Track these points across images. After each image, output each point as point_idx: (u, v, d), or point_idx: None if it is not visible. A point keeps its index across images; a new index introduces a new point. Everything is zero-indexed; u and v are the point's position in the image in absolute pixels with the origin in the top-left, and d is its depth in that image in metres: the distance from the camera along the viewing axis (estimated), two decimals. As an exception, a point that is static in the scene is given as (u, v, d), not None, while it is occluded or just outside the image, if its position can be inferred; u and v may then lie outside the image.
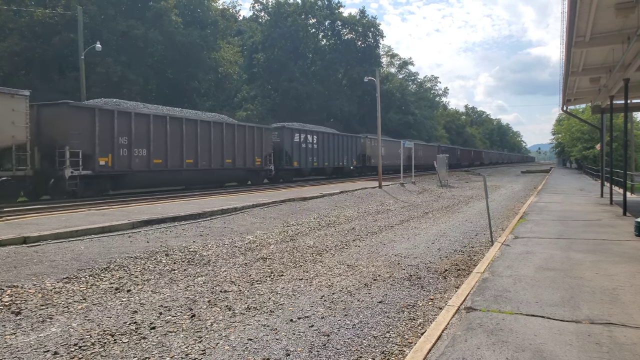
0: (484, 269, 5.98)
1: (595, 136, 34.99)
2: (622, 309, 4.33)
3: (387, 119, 56.37)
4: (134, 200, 15.44)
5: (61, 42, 27.70)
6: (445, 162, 30.90)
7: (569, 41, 9.55)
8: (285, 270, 6.83)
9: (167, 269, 6.75)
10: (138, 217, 10.48)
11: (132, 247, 7.94)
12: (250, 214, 12.42)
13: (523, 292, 4.91)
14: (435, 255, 8.02)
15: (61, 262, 6.72)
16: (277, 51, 49.85)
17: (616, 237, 8.14)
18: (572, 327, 3.88)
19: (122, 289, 5.76)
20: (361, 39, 56.76)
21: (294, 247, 8.56)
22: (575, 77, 13.06)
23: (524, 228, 9.45)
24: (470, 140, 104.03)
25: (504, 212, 14.93)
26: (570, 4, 7.87)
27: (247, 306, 5.16)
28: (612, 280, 5.34)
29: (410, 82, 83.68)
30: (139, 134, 17.20)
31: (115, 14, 30.82)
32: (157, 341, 4.15)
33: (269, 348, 4.01)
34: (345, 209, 14.87)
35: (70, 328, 4.43)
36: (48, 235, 8.18)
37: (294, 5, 53.31)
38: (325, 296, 5.54)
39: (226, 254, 7.86)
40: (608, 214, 11.48)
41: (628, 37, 9.11)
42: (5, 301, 5.05)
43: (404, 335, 4.38)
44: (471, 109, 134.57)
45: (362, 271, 6.79)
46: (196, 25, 36.49)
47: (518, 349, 3.46)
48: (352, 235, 10.02)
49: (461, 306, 4.53)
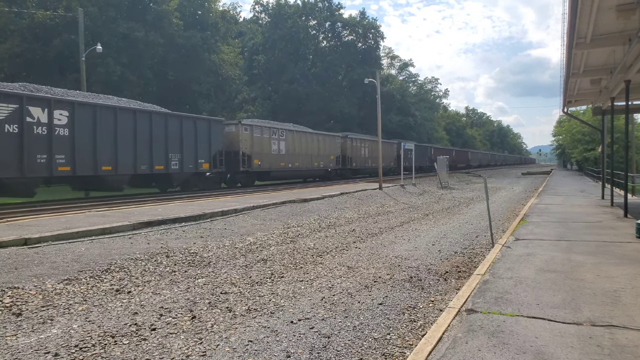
0: (484, 271, 5.97)
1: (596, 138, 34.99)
2: (624, 311, 4.32)
3: (388, 120, 56.36)
4: (134, 201, 15.45)
5: (62, 43, 27.73)
6: (445, 164, 30.91)
7: (569, 43, 9.55)
8: (285, 272, 6.82)
9: (167, 271, 6.74)
10: (138, 218, 10.48)
11: (133, 248, 7.94)
12: (250, 216, 12.42)
13: (524, 294, 4.90)
14: (435, 257, 8.01)
15: (62, 263, 6.72)
16: (277, 53, 49.93)
17: (617, 239, 8.13)
18: (573, 329, 3.87)
19: (123, 290, 5.75)
20: (361, 40, 56.83)
21: (294, 249, 8.55)
22: (576, 79, 13.06)
23: (525, 230, 9.43)
24: (471, 141, 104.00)
25: (505, 213, 14.92)
26: (571, 6, 7.87)
27: (247, 308, 5.15)
28: (613, 282, 5.33)
29: (411, 84, 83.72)
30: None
31: (116, 15, 30.87)
32: (157, 343, 4.15)
33: (269, 350, 4.00)
34: (345, 211, 14.86)
35: (71, 329, 4.43)
36: (49, 236, 8.18)
37: (295, 6, 53.42)
38: (325, 298, 5.53)
39: (227, 256, 7.86)
40: (609, 216, 11.46)
41: (629, 39, 9.11)
42: (6, 302, 5.05)
43: (404, 337, 4.37)
44: (471, 111, 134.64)
45: (363, 273, 6.79)
46: (197, 27, 36.53)
47: (519, 351, 3.45)
48: (353, 237, 10.02)
49: (462, 308, 4.52)
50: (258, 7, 55.07)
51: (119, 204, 14.53)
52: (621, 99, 12.92)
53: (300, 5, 53.66)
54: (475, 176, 43.69)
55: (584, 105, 23.39)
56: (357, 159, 35.21)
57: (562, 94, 15.32)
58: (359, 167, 35.59)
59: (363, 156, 36.12)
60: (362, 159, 35.87)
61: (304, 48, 53.78)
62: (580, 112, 38.49)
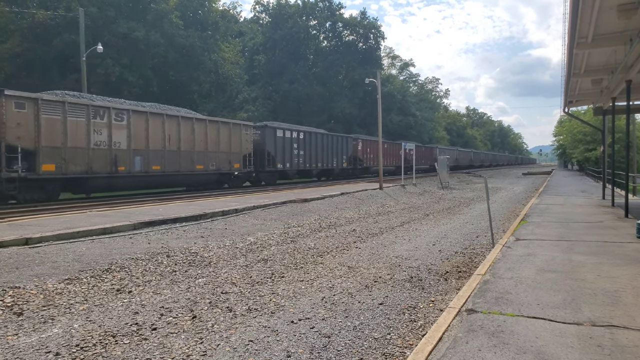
0: (485, 271, 5.97)
1: (597, 138, 34.94)
2: (624, 311, 4.32)
3: (388, 120, 56.36)
4: (135, 201, 15.46)
5: (62, 43, 27.73)
6: (446, 164, 30.91)
7: (570, 42, 9.55)
8: (286, 272, 6.83)
9: (168, 270, 6.75)
10: (139, 218, 10.49)
11: (134, 248, 7.94)
12: (251, 215, 12.42)
13: (524, 294, 4.90)
14: (436, 257, 8.01)
15: (63, 263, 6.73)
16: (278, 53, 49.94)
17: (618, 239, 8.12)
18: (573, 330, 3.87)
19: (124, 290, 5.76)
20: (362, 40, 56.80)
21: (294, 249, 8.55)
22: (577, 79, 13.05)
23: (525, 230, 9.43)
24: (471, 141, 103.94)
25: (505, 214, 14.92)
26: (572, 5, 7.86)
27: (248, 307, 5.16)
28: (613, 282, 5.32)
29: (412, 84, 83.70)
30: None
31: (116, 15, 30.87)
32: (158, 342, 4.15)
33: (269, 349, 4.01)
34: (346, 211, 14.86)
35: (72, 329, 4.44)
36: (50, 236, 8.19)
37: (295, 6, 53.41)
38: (326, 298, 5.53)
39: (227, 255, 7.87)
40: (610, 216, 11.45)
41: (630, 39, 9.10)
42: (7, 302, 5.06)
43: (405, 337, 4.38)
44: (472, 111, 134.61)
45: (363, 273, 6.79)
46: (197, 27, 36.53)
47: (519, 351, 3.45)
48: (353, 237, 10.02)
49: (462, 308, 4.52)
50: (258, 7, 55.12)
51: (119, 203, 14.54)
52: (622, 99, 12.90)
53: (300, 5, 53.65)
54: (476, 176, 43.68)
55: (585, 105, 23.37)
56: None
57: (563, 94, 15.30)
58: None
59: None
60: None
61: (304, 48, 53.78)
62: (581, 112, 38.46)
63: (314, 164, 29.40)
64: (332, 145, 31.58)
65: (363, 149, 35.98)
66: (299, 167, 27.71)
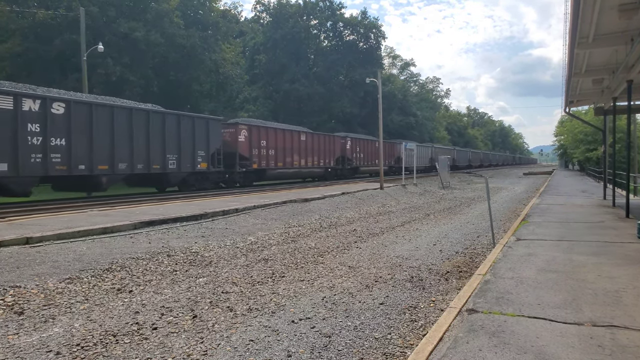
0: (485, 271, 5.97)
1: (598, 138, 34.88)
2: (625, 311, 4.31)
3: (389, 120, 56.29)
4: (135, 201, 15.48)
5: (63, 43, 27.73)
6: (447, 164, 30.90)
7: (571, 42, 9.53)
8: (286, 272, 6.83)
9: (168, 270, 6.75)
10: (140, 217, 10.50)
11: (134, 247, 7.95)
12: (251, 215, 12.43)
13: (525, 294, 4.90)
14: (436, 257, 8.01)
15: (63, 262, 6.73)
16: (278, 52, 49.91)
17: (619, 240, 8.11)
18: (574, 330, 3.87)
19: (124, 289, 5.76)
20: (363, 40, 56.74)
21: (295, 249, 8.55)
22: (578, 79, 13.03)
23: (526, 230, 9.42)
24: (472, 141, 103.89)
25: (506, 214, 14.91)
26: (573, 5, 7.85)
27: (248, 307, 5.16)
28: (614, 282, 5.32)
29: (412, 84, 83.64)
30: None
31: (117, 15, 30.87)
32: (158, 342, 4.16)
33: (270, 349, 4.01)
34: (346, 210, 14.86)
35: (73, 328, 4.44)
36: (50, 235, 8.20)
37: (296, 6, 53.38)
38: (326, 297, 5.53)
39: (228, 255, 7.87)
40: (610, 216, 11.44)
41: (631, 39, 9.09)
42: (8, 301, 5.06)
43: (405, 337, 4.37)
44: (473, 111, 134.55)
45: (364, 273, 6.79)
46: (197, 27, 36.52)
47: (520, 351, 3.45)
48: (354, 237, 10.02)
49: (463, 308, 4.52)
50: (259, 7, 55.12)
51: (119, 203, 14.55)
52: (623, 99, 12.88)
53: (301, 4, 53.62)
54: (477, 176, 43.64)
55: (586, 105, 23.31)
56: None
57: (564, 94, 15.29)
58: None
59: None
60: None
61: (305, 48, 53.75)
62: (582, 112, 38.42)
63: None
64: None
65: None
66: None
